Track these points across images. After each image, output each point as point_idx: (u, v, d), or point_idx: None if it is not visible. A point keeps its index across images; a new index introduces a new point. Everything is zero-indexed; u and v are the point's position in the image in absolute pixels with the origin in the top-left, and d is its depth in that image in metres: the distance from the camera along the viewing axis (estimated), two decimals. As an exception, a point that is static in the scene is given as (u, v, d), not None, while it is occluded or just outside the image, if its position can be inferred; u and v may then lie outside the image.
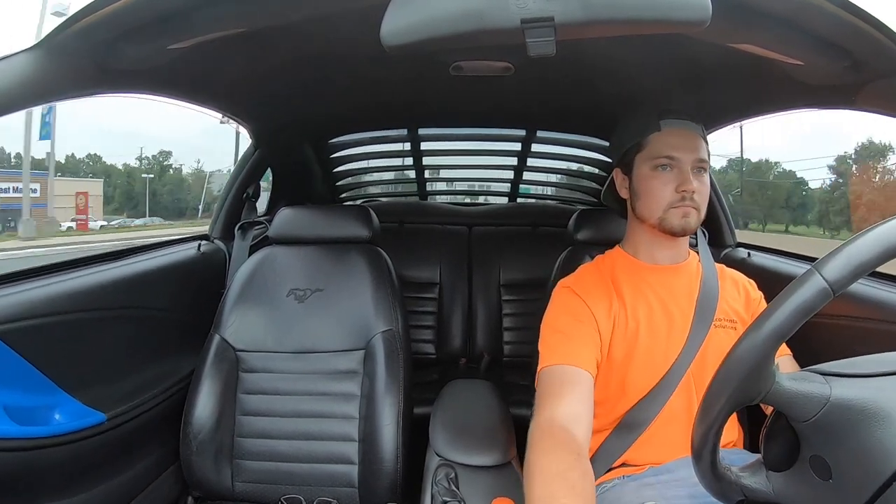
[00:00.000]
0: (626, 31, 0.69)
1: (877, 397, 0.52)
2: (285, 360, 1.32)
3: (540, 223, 2.29)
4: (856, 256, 0.51)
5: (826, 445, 0.53)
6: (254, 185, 1.84)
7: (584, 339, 1.00)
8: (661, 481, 0.91)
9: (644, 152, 1.05)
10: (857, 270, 0.50)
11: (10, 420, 0.93)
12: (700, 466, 0.61)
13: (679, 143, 1.02)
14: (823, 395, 0.53)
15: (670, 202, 1.02)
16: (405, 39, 0.65)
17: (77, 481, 1.08)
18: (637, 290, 1.06)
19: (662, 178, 1.03)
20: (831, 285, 0.50)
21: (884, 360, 0.56)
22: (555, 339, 1.01)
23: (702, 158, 1.03)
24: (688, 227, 1.03)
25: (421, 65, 1.30)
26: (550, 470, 0.77)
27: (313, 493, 1.22)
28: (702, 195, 1.03)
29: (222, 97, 1.45)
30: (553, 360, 0.98)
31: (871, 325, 1.07)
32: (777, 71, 0.97)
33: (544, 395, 0.94)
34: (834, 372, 0.56)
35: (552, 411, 0.89)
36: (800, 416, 0.54)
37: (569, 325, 1.02)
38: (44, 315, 1.03)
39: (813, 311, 0.51)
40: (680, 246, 1.09)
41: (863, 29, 0.75)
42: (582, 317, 1.02)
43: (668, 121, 1.04)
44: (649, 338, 1.01)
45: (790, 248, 1.57)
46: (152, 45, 0.89)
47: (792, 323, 0.52)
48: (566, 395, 0.92)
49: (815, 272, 0.51)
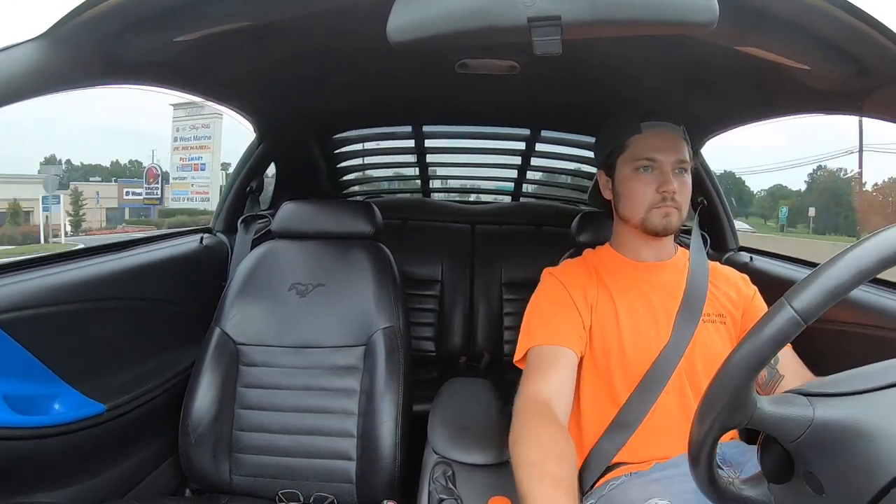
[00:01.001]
0: (633, 31, 0.69)
1: (860, 415, 0.52)
2: (285, 354, 1.32)
3: (543, 223, 2.28)
4: (826, 283, 0.51)
5: (816, 462, 0.53)
6: (257, 179, 1.84)
7: (565, 319, 1.04)
8: (668, 476, 0.92)
9: (625, 154, 1.08)
10: (828, 298, 0.51)
11: (9, 409, 0.93)
12: (699, 482, 0.61)
13: (659, 145, 1.05)
14: (806, 417, 0.53)
15: (651, 203, 1.05)
16: (411, 36, 0.65)
17: (76, 471, 1.09)
18: (620, 283, 1.08)
19: (643, 179, 1.06)
20: (801, 315, 0.51)
21: (868, 373, 0.56)
22: (535, 321, 1.06)
23: (682, 159, 1.05)
24: (669, 227, 1.06)
25: (426, 62, 1.30)
26: (538, 439, 0.83)
27: (311, 487, 1.22)
28: (683, 195, 1.05)
29: (227, 90, 1.45)
30: (536, 340, 1.03)
31: (871, 331, 1.07)
32: (783, 75, 0.97)
33: (529, 372, 0.99)
34: (816, 392, 0.56)
35: (536, 387, 0.94)
36: (786, 437, 0.55)
37: (549, 309, 1.06)
38: (45, 305, 1.03)
39: (786, 341, 0.52)
40: (664, 244, 1.12)
41: (871, 34, 0.75)
42: (560, 300, 1.07)
43: (648, 123, 1.07)
44: (632, 330, 1.03)
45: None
46: (158, 37, 0.89)
47: (766, 353, 0.52)
48: (550, 373, 0.97)
49: (786, 303, 0.52)
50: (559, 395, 0.94)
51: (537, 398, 0.92)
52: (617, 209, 1.12)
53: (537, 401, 0.92)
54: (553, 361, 0.99)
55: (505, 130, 2.22)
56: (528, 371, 1.00)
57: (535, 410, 0.90)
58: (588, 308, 1.06)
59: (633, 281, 1.09)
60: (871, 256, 0.51)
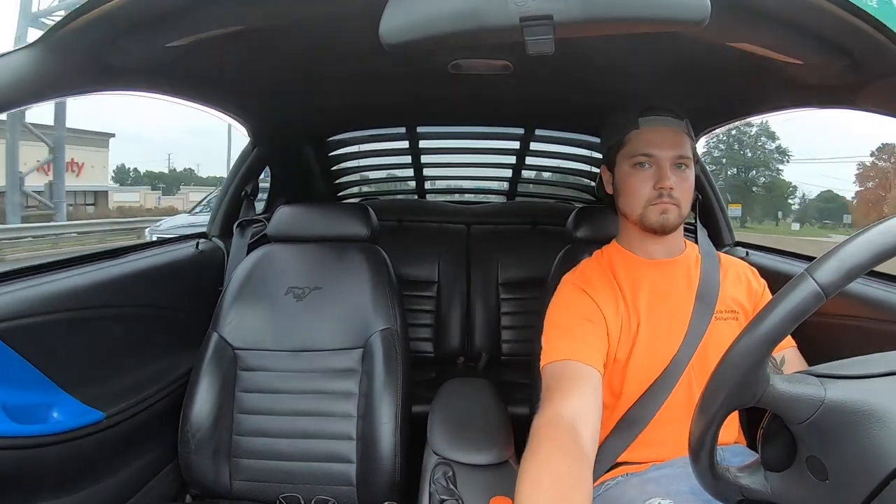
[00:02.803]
0: (625, 29, 0.69)
1: (871, 399, 0.52)
2: (284, 358, 1.31)
3: (539, 222, 2.28)
4: (848, 259, 0.51)
5: (822, 446, 0.53)
6: (252, 183, 1.84)
7: (591, 337, 0.99)
8: (665, 475, 0.91)
9: (624, 150, 1.06)
10: (850, 273, 0.50)
11: (8, 419, 0.93)
12: (698, 467, 0.61)
13: (657, 140, 1.03)
14: (818, 397, 0.53)
15: (648, 199, 1.03)
16: (404, 37, 0.65)
17: (75, 479, 1.08)
18: (636, 284, 1.06)
19: (641, 175, 1.04)
20: (823, 288, 0.50)
21: (878, 360, 0.56)
22: (559, 333, 1.00)
23: (681, 155, 1.03)
24: (667, 224, 1.03)
25: (420, 63, 1.30)
26: (550, 470, 0.74)
27: (311, 491, 1.22)
28: (682, 191, 1.03)
29: (220, 95, 1.44)
30: (560, 354, 0.95)
31: (872, 324, 1.07)
32: (776, 70, 0.97)
33: (551, 389, 0.91)
34: (828, 374, 0.56)
35: (559, 407, 0.85)
36: (795, 418, 0.54)
37: (576, 323, 1.00)
38: (42, 313, 1.03)
39: (806, 314, 0.51)
40: (672, 240, 1.09)
41: (862, 29, 0.75)
42: (592, 316, 1.01)
43: (646, 118, 1.05)
44: (650, 333, 1.01)
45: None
46: (150, 42, 0.89)
47: (785, 326, 0.52)
48: (575, 392, 0.88)
49: (808, 276, 0.51)
50: (585, 415, 0.85)
51: (560, 419, 0.82)
52: (618, 205, 1.10)
53: (560, 422, 0.82)
54: (575, 377, 0.92)
55: (499, 130, 2.22)
56: (549, 387, 0.92)
57: (556, 433, 0.80)
58: (619, 323, 1.02)
59: (647, 281, 1.06)
60: (894, 233, 0.51)
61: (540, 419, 0.83)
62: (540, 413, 0.86)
